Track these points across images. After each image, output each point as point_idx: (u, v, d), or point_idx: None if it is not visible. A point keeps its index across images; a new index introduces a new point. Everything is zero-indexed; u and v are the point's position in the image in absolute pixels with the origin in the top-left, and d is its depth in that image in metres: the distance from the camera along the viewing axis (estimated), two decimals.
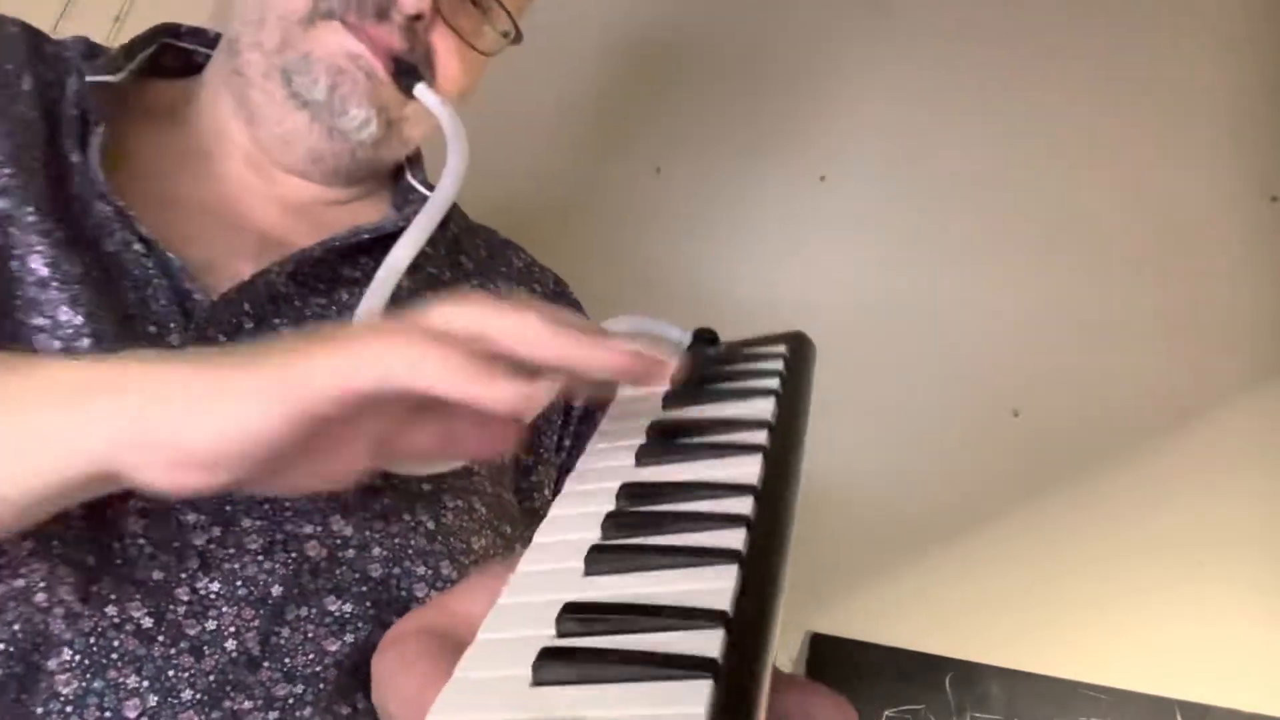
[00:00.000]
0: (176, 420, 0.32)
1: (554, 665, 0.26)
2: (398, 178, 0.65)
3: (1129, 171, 1.13)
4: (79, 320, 0.44)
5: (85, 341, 0.43)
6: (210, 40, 0.63)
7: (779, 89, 1.21)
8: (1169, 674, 0.95)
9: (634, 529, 0.31)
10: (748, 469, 0.33)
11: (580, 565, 0.31)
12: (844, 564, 1.02)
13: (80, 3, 1.16)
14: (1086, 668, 0.95)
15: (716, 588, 0.27)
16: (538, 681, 0.26)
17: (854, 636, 0.98)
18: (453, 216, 0.66)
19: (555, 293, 0.69)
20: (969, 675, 0.96)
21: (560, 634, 0.27)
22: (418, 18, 0.55)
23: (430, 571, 0.47)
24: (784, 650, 0.98)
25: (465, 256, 0.64)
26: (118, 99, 0.55)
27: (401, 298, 0.56)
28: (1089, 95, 1.16)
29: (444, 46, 0.57)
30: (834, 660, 0.97)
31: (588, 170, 1.20)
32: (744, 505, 0.31)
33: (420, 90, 0.55)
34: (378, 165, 0.61)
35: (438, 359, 0.31)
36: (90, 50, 0.57)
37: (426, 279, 0.59)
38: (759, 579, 0.28)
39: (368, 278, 0.52)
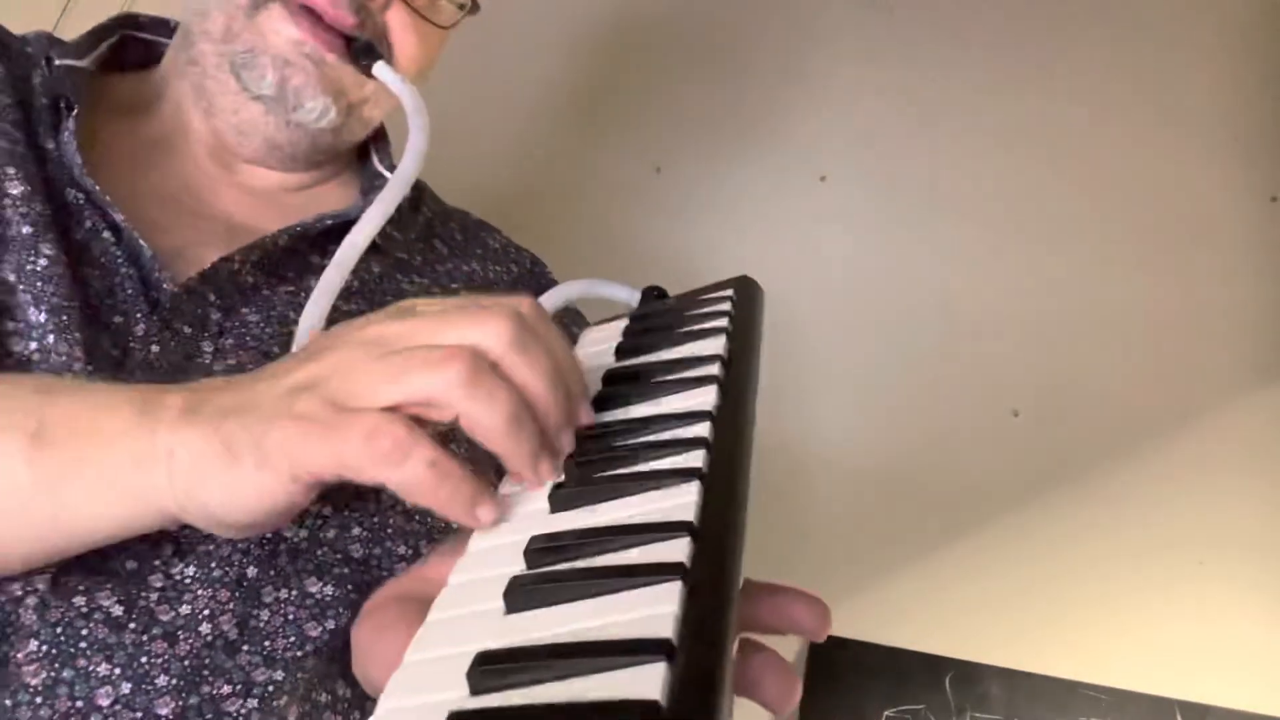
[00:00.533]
0: (211, 500, 0.34)
1: (525, 592, 0.27)
2: (364, 160, 0.64)
3: (1129, 171, 1.12)
4: (42, 319, 0.43)
5: (50, 339, 0.43)
6: (171, 31, 0.62)
7: (780, 89, 1.21)
8: (1169, 674, 0.95)
9: (597, 465, 0.32)
10: (703, 398, 0.34)
11: (546, 506, 0.32)
12: (844, 564, 1.01)
13: (80, 2, 1.16)
14: (1086, 668, 0.95)
15: (682, 503, 0.28)
16: (511, 610, 0.26)
17: (854, 636, 0.98)
18: (425, 201, 0.66)
19: (532, 272, 0.68)
20: (969, 675, 0.96)
21: (530, 566, 0.28)
22: None
23: (410, 550, 0.47)
24: (784, 650, 0.98)
25: (439, 240, 0.64)
26: (88, 93, 0.55)
27: (372, 282, 0.56)
28: (1089, 95, 1.16)
29: (399, 22, 0.56)
30: (834, 660, 0.97)
31: (588, 169, 1.20)
32: (702, 430, 0.32)
33: (380, 69, 0.54)
34: (339, 148, 0.60)
35: (420, 466, 0.31)
36: (52, 41, 0.57)
37: (397, 263, 0.59)
38: (722, 493, 0.29)
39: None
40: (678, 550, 0.26)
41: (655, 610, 0.23)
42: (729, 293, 0.43)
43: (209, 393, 0.35)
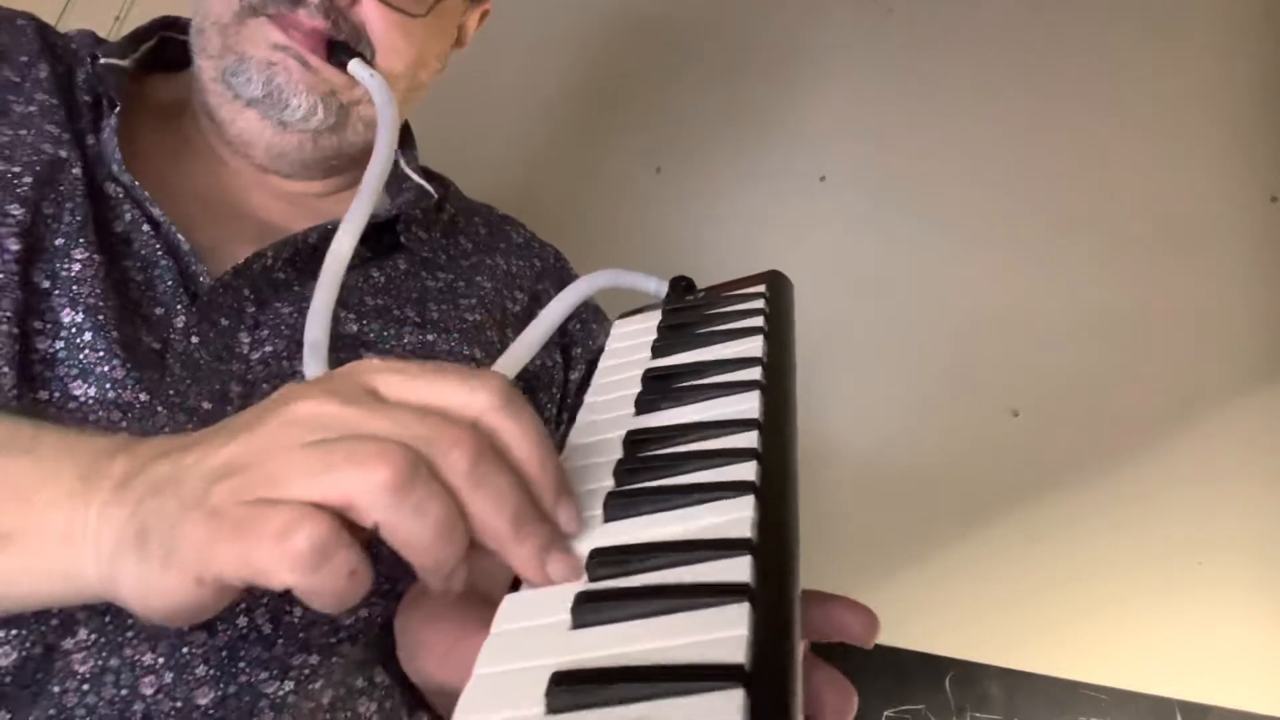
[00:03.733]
0: (127, 595, 0.31)
1: (592, 607, 0.26)
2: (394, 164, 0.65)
3: (1129, 171, 1.12)
4: (79, 319, 0.44)
5: (87, 335, 0.44)
6: None
7: (780, 89, 1.21)
8: (1169, 674, 0.95)
9: (645, 474, 0.32)
10: (748, 405, 0.33)
11: (600, 513, 0.31)
12: (844, 564, 1.01)
13: (80, 2, 1.16)
14: (1086, 668, 0.95)
15: (739, 519, 0.28)
16: (578, 624, 0.26)
17: None
18: (450, 198, 0.67)
19: (556, 267, 0.69)
20: (969, 675, 0.96)
21: (593, 579, 0.28)
22: None
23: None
24: None
25: (463, 237, 0.65)
26: (125, 91, 0.56)
27: (398, 279, 0.57)
28: (1089, 95, 1.16)
29: (375, 17, 0.57)
30: (834, 660, 0.97)
31: (588, 170, 1.20)
32: (750, 439, 0.31)
33: (354, 66, 0.55)
34: (348, 150, 0.61)
35: (338, 576, 0.28)
36: (97, 41, 0.59)
37: (422, 261, 0.60)
38: (776, 506, 0.28)
39: (364, 264, 0.53)
40: (740, 569, 0.25)
41: (726, 633, 0.23)
42: (761, 289, 0.42)
43: (150, 460, 0.33)
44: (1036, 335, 1.08)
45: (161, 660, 0.39)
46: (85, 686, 0.38)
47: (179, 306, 0.48)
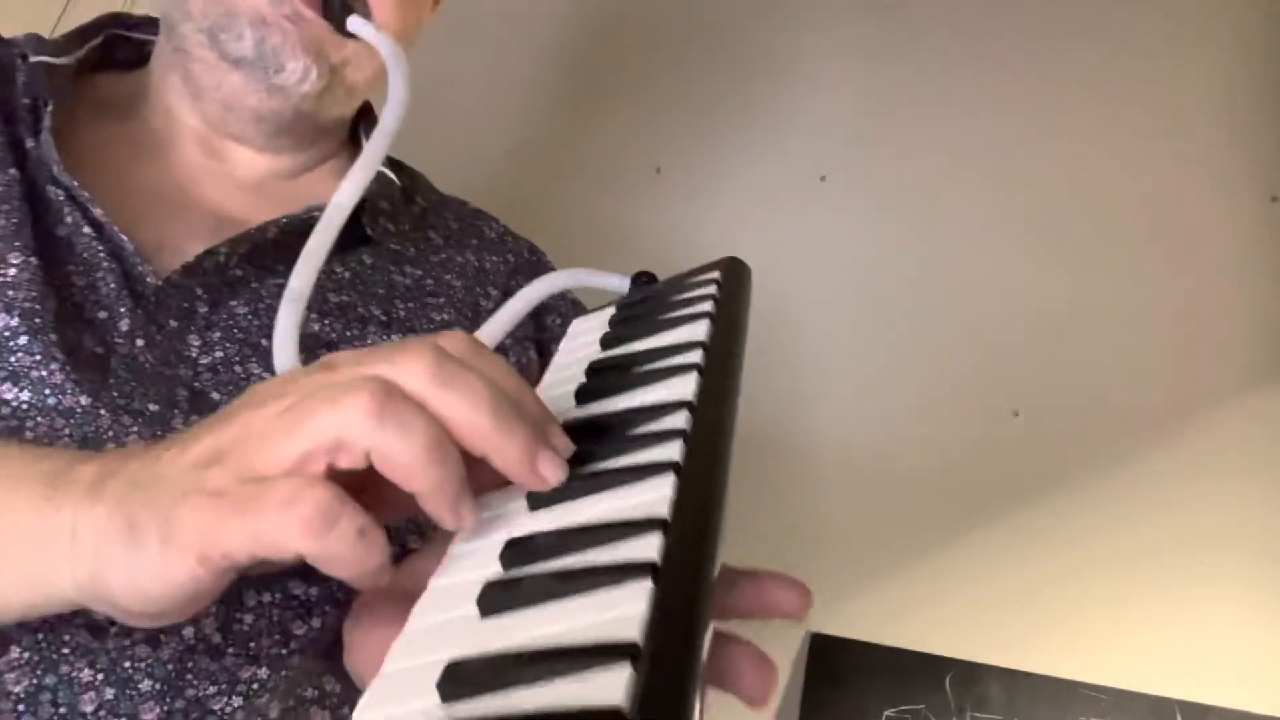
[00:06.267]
0: (113, 585, 0.30)
1: (500, 595, 0.26)
2: (355, 147, 0.63)
3: (1129, 171, 1.12)
4: (14, 323, 0.42)
5: (22, 339, 0.42)
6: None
7: (780, 89, 1.21)
8: (1169, 674, 0.94)
9: (575, 463, 0.31)
10: (683, 388, 0.33)
11: (524, 503, 0.31)
12: (844, 564, 1.01)
13: (80, 2, 1.16)
14: (1086, 668, 0.95)
15: (657, 498, 0.27)
16: (486, 614, 0.26)
17: (854, 636, 0.98)
18: (420, 191, 0.65)
19: (531, 261, 0.67)
20: (969, 675, 0.96)
21: (506, 568, 0.28)
22: None
23: (399, 549, 0.46)
24: (784, 650, 0.98)
25: (433, 231, 0.63)
26: (70, 91, 0.54)
27: (364, 274, 0.55)
28: (1089, 95, 1.16)
29: None
30: (834, 660, 0.97)
31: (588, 169, 1.20)
32: (680, 420, 0.31)
33: (354, 23, 0.53)
34: (324, 120, 0.59)
35: (349, 536, 0.28)
36: (38, 41, 0.56)
37: (390, 254, 0.58)
38: (697, 486, 0.28)
39: (327, 258, 0.51)
40: (649, 548, 0.25)
41: (623, 612, 0.23)
42: (715, 275, 0.42)
43: (121, 462, 0.32)
44: (1036, 335, 1.08)
45: (101, 676, 0.38)
46: (21, 706, 0.36)
47: (123, 309, 0.45)
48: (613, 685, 0.21)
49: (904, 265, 1.13)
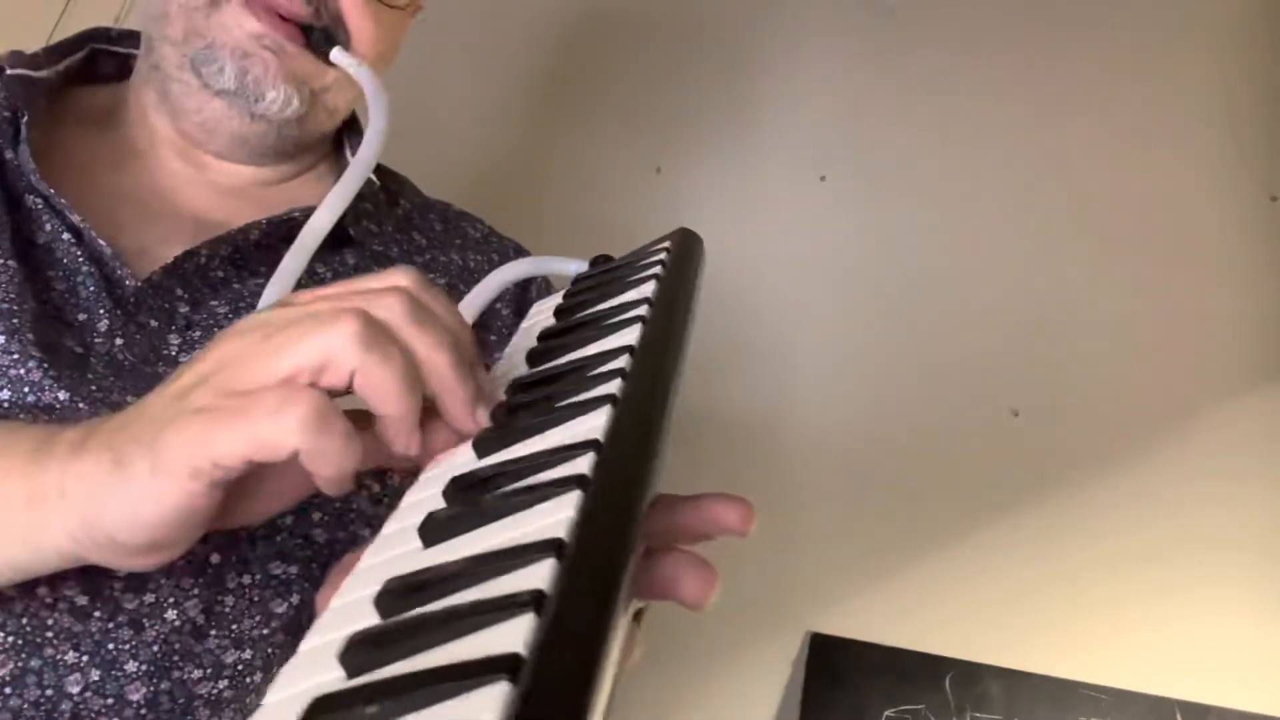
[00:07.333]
0: (109, 522, 0.31)
1: (434, 530, 0.27)
2: (340, 153, 0.64)
3: (1129, 172, 1.13)
4: None
5: (0, 339, 0.43)
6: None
7: (780, 89, 1.21)
8: (1169, 674, 0.95)
9: (526, 410, 0.33)
10: (628, 337, 0.34)
11: (473, 453, 0.32)
12: (844, 564, 1.01)
13: (80, 3, 1.16)
14: (1086, 668, 0.95)
15: (591, 427, 0.28)
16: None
17: (854, 636, 0.98)
18: (404, 194, 0.65)
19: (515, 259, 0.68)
20: (969, 675, 0.96)
21: (450, 501, 0.29)
22: None
23: (375, 534, 0.47)
24: (784, 650, 0.98)
25: (417, 232, 0.63)
26: (51, 104, 0.55)
27: (346, 275, 0.56)
28: (1089, 95, 1.16)
29: (353, 6, 0.55)
30: (834, 660, 0.97)
31: (588, 169, 1.20)
32: (622, 362, 0.32)
33: (337, 55, 0.54)
34: (306, 139, 0.60)
35: (340, 437, 0.30)
36: (17, 56, 0.57)
37: (373, 256, 0.58)
38: (633, 411, 0.29)
39: (309, 260, 0.51)
40: (582, 465, 0.26)
41: (554, 519, 0.24)
42: (665, 244, 0.43)
43: (101, 421, 0.33)
44: (1036, 335, 1.08)
45: (86, 658, 0.38)
46: (8, 689, 0.37)
47: (102, 311, 0.46)
48: (514, 635, 0.21)
49: (904, 265, 1.13)
